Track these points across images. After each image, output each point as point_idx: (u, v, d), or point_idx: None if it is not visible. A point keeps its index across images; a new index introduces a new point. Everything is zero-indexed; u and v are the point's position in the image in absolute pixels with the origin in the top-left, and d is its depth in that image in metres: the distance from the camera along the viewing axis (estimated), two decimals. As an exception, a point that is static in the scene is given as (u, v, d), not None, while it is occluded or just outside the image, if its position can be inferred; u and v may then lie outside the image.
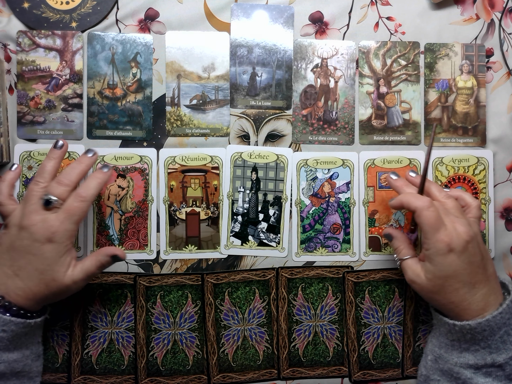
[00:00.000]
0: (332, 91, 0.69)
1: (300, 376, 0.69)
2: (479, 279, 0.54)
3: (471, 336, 0.53)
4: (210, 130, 0.68)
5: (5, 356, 0.52)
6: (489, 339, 0.53)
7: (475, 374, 0.54)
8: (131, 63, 0.67)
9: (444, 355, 0.56)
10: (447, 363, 0.55)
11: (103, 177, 0.58)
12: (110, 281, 0.67)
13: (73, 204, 0.54)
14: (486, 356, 0.53)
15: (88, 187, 0.56)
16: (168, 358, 0.68)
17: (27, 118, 0.67)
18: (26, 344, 0.55)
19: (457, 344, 0.55)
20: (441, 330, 0.57)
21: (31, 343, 0.56)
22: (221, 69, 0.68)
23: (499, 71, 0.70)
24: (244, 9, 0.68)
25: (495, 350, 0.53)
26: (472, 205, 0.59)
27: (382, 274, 0.69)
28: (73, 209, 0.54)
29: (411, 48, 0.69)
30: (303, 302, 0.69)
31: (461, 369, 0.54)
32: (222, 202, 0.68)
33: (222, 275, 0.68)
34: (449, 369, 0.55)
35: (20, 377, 0.54)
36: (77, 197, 0.55)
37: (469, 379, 0.53)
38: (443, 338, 0.56)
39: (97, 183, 0.57)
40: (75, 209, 0.54)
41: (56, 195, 0.54)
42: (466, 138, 0.70)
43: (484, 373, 0.54)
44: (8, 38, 0.66)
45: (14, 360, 0.53)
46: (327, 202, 0.69)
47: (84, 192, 0.55)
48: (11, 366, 0.53)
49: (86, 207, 0.55)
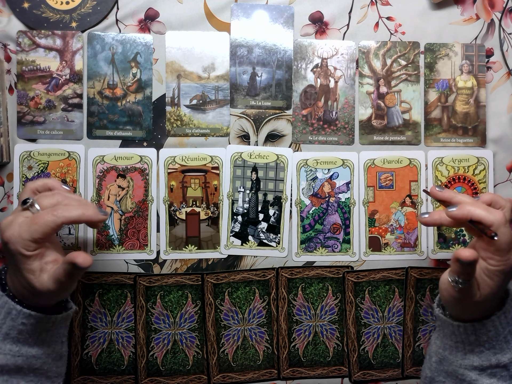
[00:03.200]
0: (332, 91, 0.69)
1: (300, 376, 0.69)
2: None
3: (476, 338, 0.53)
4: (210, 130, 0.68)
5: (24, 350, 0.52)
6: (494, 340, 0.53)
7: (480, 375, 0.53)
8: (131, 63, 0.67)
9: (449, 357, 0.55)
10: (451, 365, 0.55)
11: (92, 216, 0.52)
12: (110, 281, 0.67)
13: (42, 214, 0.50)
14: (491, 357, 0.53)
15: (69, 209, 0.50)
16: (168, 358, 0.68)
17: (27, 118, 0.67)
18: (48, 341, 0.54)
19: (461, 346, 0.54)
20: (445, 332, 0.56)
21: (54, 342, 0.55)
22: (221, 69, 0.68)
23: (499, 71, 0.70)
24: (244, 9, 0.68)
25: (499, 351, 0.53)
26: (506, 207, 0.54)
27: (382, 274, 0.69)
28: (39, 219, 0.49)
29: (411, 48, 0.69)
30: (303, 302, 0.69)
31: (466, 371, 0.54)
32: (222, 202, 0.68)
33: (222, 275, 0.68)
34: (454, 370, 0.55)
35: (38, 374, 0.54)
36: (52, 210, 0.50)
37: (474, 380, 0.53)
38: (447, 339, 0.56)
39: (81, 214, 0.51)
40: (40, 219, 0.49)
41: (39, 202, 0.51)
42: (466, 138, 0.70)
43: (489, 374, 0.53)
44: (8, 38, 0.66)
45: (33, 356, 0.52)
46: (327, 202, 0.69)
47: (61, 210, 0.50)
48: (29, 362, 0.52)
49: (53, 224, 0.49)
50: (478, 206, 0.51)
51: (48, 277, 0.50)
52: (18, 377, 0.52)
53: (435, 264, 0.70)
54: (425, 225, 0.65)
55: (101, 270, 0.67)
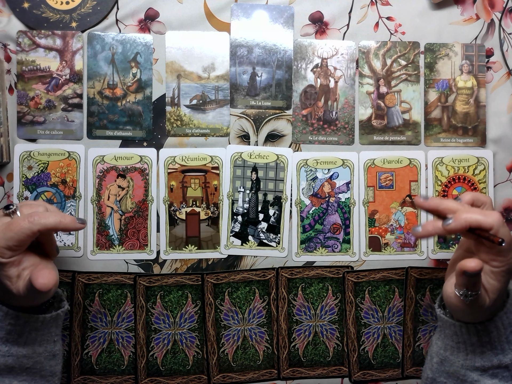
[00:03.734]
0: (332, 91, 0.69)
1: (300, 376, 0.69)
2: None
3: (478, 338, 0.53)
4: (210, 130, 0.68)
5: (13, 350, 0.52)
6: (496, 340, 0.53)
7: (481, 376, 0.53)
8: (131, 63, 0.67)
9: (450, 358, 0.55)
10: (453, 365, 0.55)
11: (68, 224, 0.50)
12: (110, 281, 0.67)
13: (18, 221, 0.48)
14: (493, 358, 0.53)
15: (46, 217, 0.49)
16: (168, 358, 0.68)
17: (27, 118, 0.67)
18: (39, 341, 0.54)
19: (463, 346, 0.54)
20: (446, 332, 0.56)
21: (46, 341, 0.55)
22: (221, 69, 0.68)
23: (499, 71, 0.70)
24: (244, 9, 0.68)
25: (501, 351, 0.53)
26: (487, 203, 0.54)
27: (382, 274, 0.69)
28: (14, 224, 0.48)
29: (411, 48, 0.69)
30: (303, 302, 0.69)
31: (467, 372, 0.54)
32: (222, 202, 0.68)
33: (222, 275, 0.68)
34: (455, 371, 0.55)
35: (31, 374, 0.54)
36: (28, 216, 0.48)
37: (476, 381, 0.53)
38: (448, 340, 0.56)
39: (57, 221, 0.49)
40: (15, 226, 0.48)
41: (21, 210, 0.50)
42: (466, 138, 0.70)
43: (491, 374, 0.53)
44: (8, 38, 0.66)
45: (24, 355, 0.52)
46: (327, 202, 0.69)
47: (38, 217, 0.48)
48: (20, 361, 0.52)
49: (28, 230, 0.48)
50: (472, 212, 0.49)
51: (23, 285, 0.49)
52: (10, 376, 0.52)
53: (435, 264, 0.70)
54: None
55: (101, 270, 0.67)
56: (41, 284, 0.48)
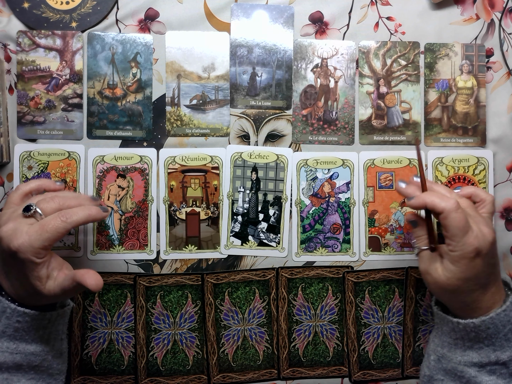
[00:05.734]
0: (332, 91, 0.69)
1: (300, 376, 0.69)
2: (492, 279, 0.54)
3: (475, 334, 0.53)
4: (210, 130, 0.68)
5: (21, 347, 0.52)
6: (493, 337, 0.53)
7: (479, 372, 0.54)
8: (131, 63, 0.67)
9: (447, 354, 0.55)
10: (450, 362, 0.55)
11: (96, 215, 0.53)
12: (110, 281, 0.67)
13: (50, 221, 0.50)
14: (490, 354, 0.53)
15: (76, 213, 0.51)
16: (168, 358, 0.68)
17: (27, 118, 0.67)
18: (47, 338, 0.54)
19: (461, 342, 0.54)
20: (443, 329, 0.56)
21: (53, 339, 0.55)
22: (221, 69, 0.68)
23: (499, 71, 0.70)
24: (244, 9, 0.68)
25: (499, 348, 0.53)
26: (487, 200, 0.57)
27: (382, 274, 0.69)
28: (48, 225, 0.49)
29: (411, 48, 0.69)
30: (303, 302, 0.69)
31: (465, 368, 0.54)
32: (222, 202, 0.68)
33: (222, 275, 0.68)
34: (453, 368, 0.55)
35: (39, 372, 0.54)
36: (60, 215, 0.50)
37: (473, 377, 0.53)
38: (445, 337, 0.56)
39: (87, 215, 0.52)
40: (50, 227, 0.49)
41: (41, 207, 0.51)
42: (466, 138, 0.70)
43: (488, 371, 0.53)
44: (8, 38, 0.66)
45: (31, 353, 0.53)
46: (327, 202, 0.69)
47: (69, 215, 0.50)
48: (28, 359, 0.52)
49: (63, 229, 0.50)
50: (432, 194, 0.53)
51: (55, 285, 0.51)
52: (18, 374, 0.52)
53: (435, 264, 0.70)
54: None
55: (101, 270, 0.67)
56: (93, 286, 0.50)
